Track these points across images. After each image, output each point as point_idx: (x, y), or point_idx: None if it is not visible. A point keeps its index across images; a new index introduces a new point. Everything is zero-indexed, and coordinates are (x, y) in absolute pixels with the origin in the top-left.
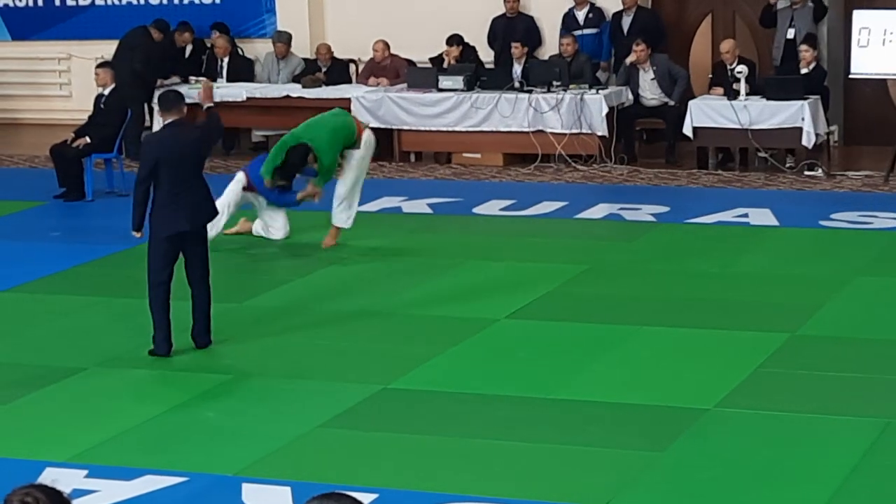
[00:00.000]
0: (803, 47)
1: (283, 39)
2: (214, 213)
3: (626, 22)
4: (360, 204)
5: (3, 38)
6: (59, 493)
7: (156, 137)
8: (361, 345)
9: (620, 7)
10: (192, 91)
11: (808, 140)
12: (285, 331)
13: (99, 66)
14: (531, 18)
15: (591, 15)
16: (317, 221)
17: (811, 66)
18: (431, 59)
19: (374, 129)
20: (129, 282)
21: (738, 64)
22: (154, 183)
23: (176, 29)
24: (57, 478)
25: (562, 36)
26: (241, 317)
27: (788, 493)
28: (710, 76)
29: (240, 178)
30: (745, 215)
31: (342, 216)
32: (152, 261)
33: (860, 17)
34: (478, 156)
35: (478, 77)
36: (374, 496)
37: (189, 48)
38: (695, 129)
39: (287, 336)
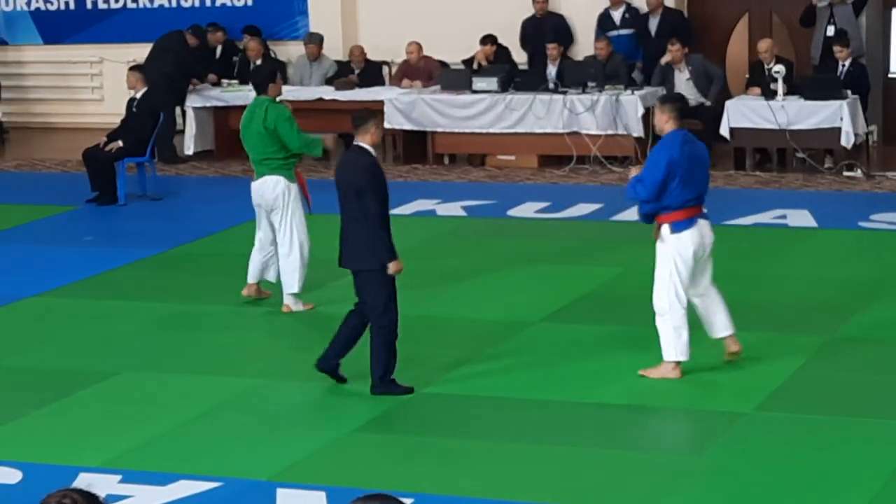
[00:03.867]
0: (836, 47)
1: (315, 41)
2: (356, 256)
3: (654, 23)
4: (393, 207)
5: (35, 42)
6: (94, 497)
7: (339, 160)
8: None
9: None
10: (224, 94)
11: (846, 140)
12: (320, 334)
13: (129, 69)
14: (561, 17)
15: (627, 15)
16: None
17: (847, 63)
18: (464, 61)
19: (408, 132)
20: (162, 286)
21: (775, 63)
22: None
23: (208, 29)
24: (91, 483)
25: (596, 38)
26: (274, 320)
27: (828, 497)
28: (747, 76)
29: None
30: (784, 217)
31: None
32: None
33: None
34: (512, 158)
35: (512, 78)
36: (409, 501)
37: (220, 50)
38: (732, 130)
39: (321, 340)
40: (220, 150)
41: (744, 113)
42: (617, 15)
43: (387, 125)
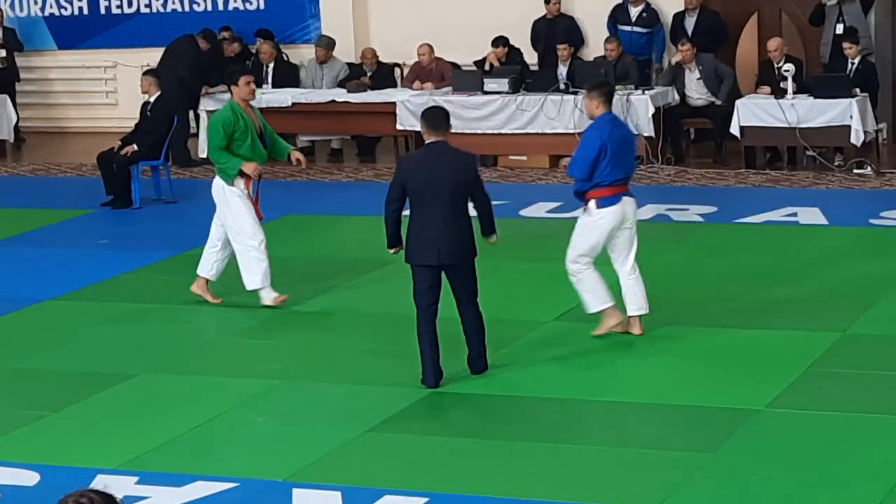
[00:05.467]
0: (845, 44)
1: (323, 44)
2: (467, 248)
3: (690, 23)
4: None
5: (49, 48)
6: (112, 498)
7: (410, 159)
8: (410, 349)
9: (674, 8)
10: None
11: (856, 138)
12: (334, 335)
13: (144, 74)
14: (572, 19)
15: (644, 14)
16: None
17: (857, 61)
18: (476, 63)
19: (420, 133)
20: (177, 288)
21: (785, 62)
22: (410, 205)
23: (224, 39)
24: (108, 484)
25: (607, 39)
26: (289, 321)
27: (841, 494)
28: (757, 75)
29: None
30: (794, 214)
31: None
32: (415, 284)
33: None
34: (524, 158)
35: (523, 79)
36: (424, 500)
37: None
38: (742, 129)
39: (335, 340)
40: None
41: (754, 112)
42: (634, 11)
43: (399, 127)
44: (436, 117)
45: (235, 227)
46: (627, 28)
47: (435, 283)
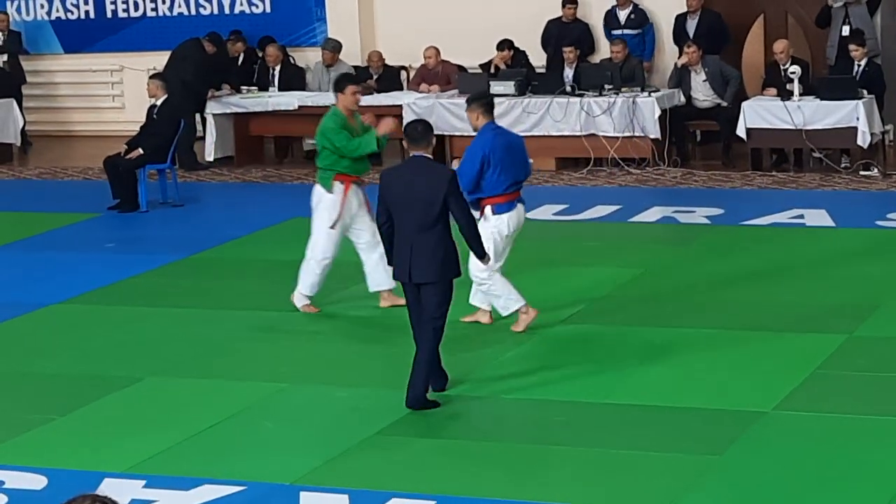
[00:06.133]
0: (852, 46)
1: (330, 47)
2: (435, 268)
3: (692, 25)
4: None
5: (55, 51)
6: (114, 503)
7: (390, 173)
8: None
9: (668, 8)
10: (244, 101)
11: (863, 140)
12: (340, 338)
13: (150, 77)
14: (586, 25)
15: (633, 16)
16: None
17: (863, 63)
18: (482, 66)
19: None
20: (184, 292)
21: (791, 64)
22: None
23: (229, 38)
24: (115, 488)
25: (612, 42)
26: (295, 324)
27: (848, 496)
28: (763, 77)
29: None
30: (801, 216)
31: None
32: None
33: None
34: (530, 160)
35: (529, 82)
36: (432, 503)
37: (241, 58)
38: (748, 131)
39: (342, 343)
40: (240, 156)
41: (760, 113)
42: (623, 14)
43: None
44: (415, 131)
45: (313, 237)
46: (618, 31)
47: (417, 299)
